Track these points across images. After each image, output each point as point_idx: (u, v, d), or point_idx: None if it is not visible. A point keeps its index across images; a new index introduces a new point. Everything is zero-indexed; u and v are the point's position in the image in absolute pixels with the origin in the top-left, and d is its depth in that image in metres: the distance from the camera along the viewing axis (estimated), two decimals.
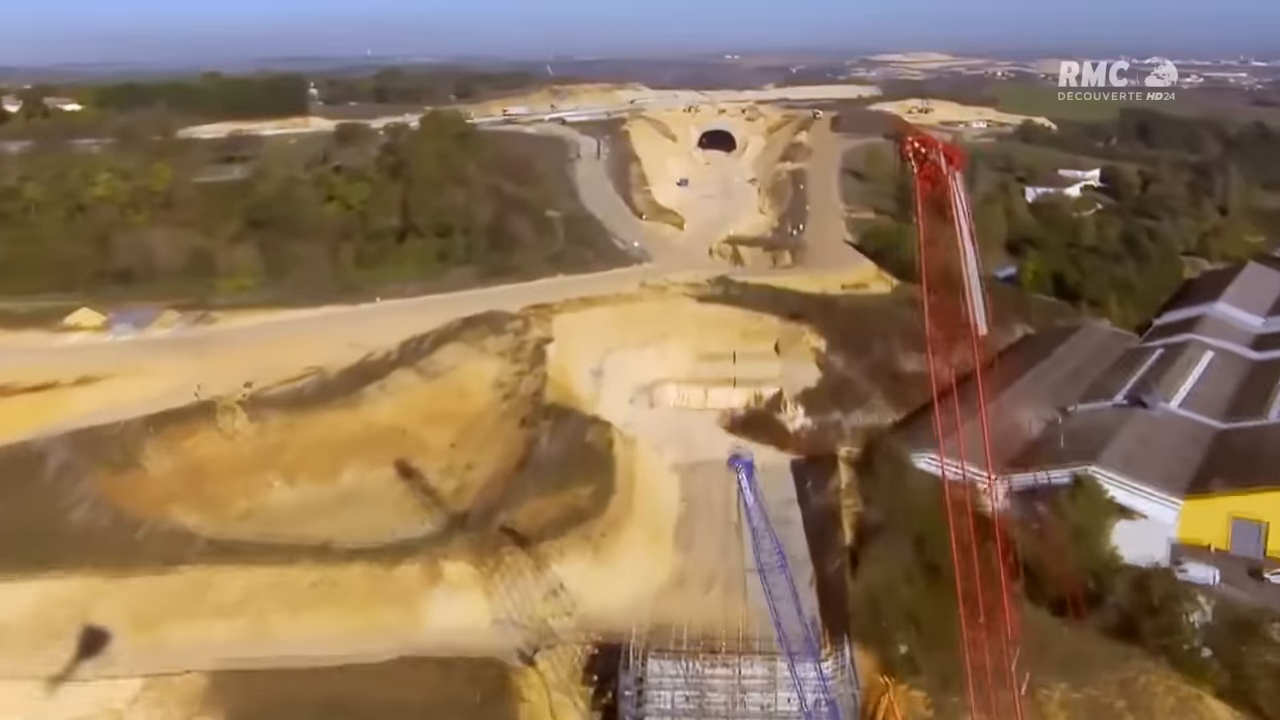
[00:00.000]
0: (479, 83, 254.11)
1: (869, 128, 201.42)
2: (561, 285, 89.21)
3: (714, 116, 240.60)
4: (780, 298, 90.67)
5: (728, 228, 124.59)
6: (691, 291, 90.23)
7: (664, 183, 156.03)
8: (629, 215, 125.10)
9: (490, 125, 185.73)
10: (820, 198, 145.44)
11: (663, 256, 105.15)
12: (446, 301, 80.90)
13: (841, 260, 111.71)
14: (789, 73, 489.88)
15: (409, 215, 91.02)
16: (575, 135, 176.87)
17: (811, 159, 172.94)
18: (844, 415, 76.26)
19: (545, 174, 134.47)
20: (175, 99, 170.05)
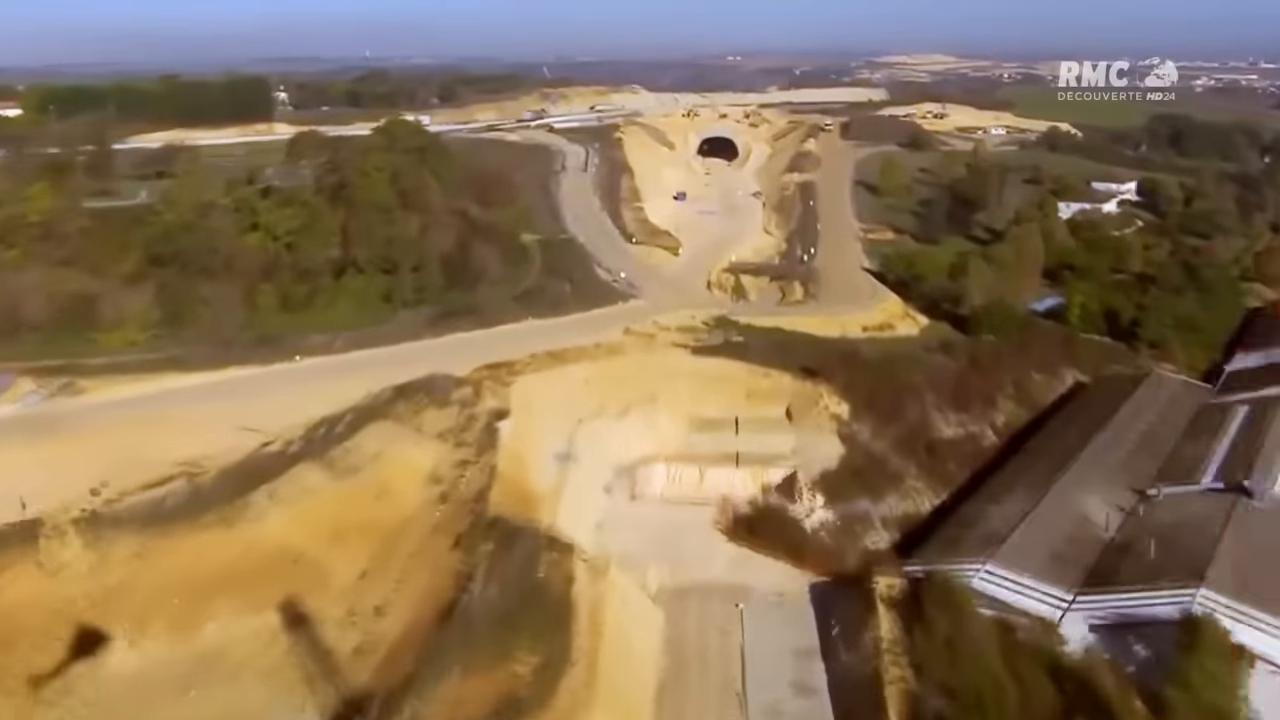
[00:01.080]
0: (465, 86, 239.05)
1: (881, 135, 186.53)
2: (530, 332, 74.11)
3: (714, 121, 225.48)
4: (792, 346, 75.58)
5: (729, 252, 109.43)
6: (685, 339, 75.10)
7: (659, 197, 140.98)
8: (617, 239, 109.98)
9: (469, 133, 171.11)
10: (832, 215, 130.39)
11: (654, 290, 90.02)
12: (384, 358, 65.80)
13: (860, 292, 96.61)
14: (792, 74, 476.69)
15: (349, 247, 75.84)
16: (563, 144, 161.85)
17: (821, 170, 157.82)
18: (873, 503, 61.12)
19: (524, 190, 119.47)
20: (126, 103, 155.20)
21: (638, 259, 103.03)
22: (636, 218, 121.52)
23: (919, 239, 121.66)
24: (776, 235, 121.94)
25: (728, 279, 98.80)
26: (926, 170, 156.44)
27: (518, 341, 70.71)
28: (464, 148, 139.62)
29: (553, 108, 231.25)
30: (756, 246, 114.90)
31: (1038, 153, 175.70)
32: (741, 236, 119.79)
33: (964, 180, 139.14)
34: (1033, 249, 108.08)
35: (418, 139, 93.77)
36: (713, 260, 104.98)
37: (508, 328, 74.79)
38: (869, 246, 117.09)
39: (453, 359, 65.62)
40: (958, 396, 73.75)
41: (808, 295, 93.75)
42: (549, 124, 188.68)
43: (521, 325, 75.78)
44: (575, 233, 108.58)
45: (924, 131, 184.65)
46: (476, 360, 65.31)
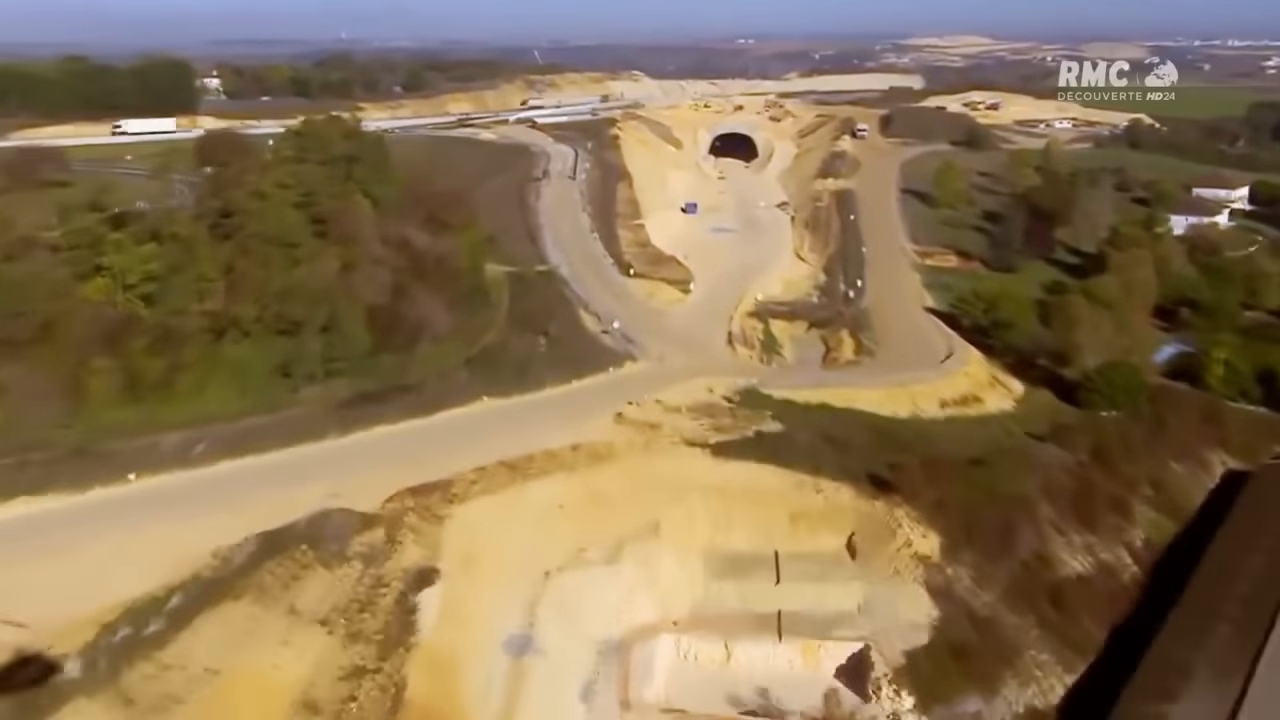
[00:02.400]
0: (437, 73, 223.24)
1: (929, 130, 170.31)
2: (483, 421, 57.57)
3: (729, 115, 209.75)
4: (850, 437, 58.99)
5: (754, 286, 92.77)
6: (701, 428, 58.41)
7: (663, 209, 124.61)
8: (610, 270, 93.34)
9: (432, 130, 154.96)
10: (878, 233, 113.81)
11: (657, 346, 73.43)
12: (266, 473, 49.37)
13: (929, 345, 79.89)
14: (812, 60, 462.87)
15: (234, 298, 59.25)
16: (547, 143, 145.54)
17: (860, 175, 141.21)
18: (985, 699, 44.59)
19: (492, 206, 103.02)
20: (22, 92, 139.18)
21: (637, 299, 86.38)
22: (635, 240, 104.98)
23: (991, 266, 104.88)
24: (811, 261, 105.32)
25: (754, 327, 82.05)
26: (988, 174, 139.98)
27: (464, 439, 54.08)
28: (418, 151, 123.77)
29: (540, 98, 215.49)
30: (788, 278, 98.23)
31: (1118, 152, 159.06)
32: (768, 263, 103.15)
33: (1039, 189, 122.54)
34: (1143, 281, 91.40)
35: (344, 145, 77.15)
36: (733, 299, 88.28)
37: (453, 414, 58.13)
38: (929, 276, 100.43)
39: (367, 472, 49.12)
40: (1082, 508, 57.43)
41: (861, 351, 76.96)
42: (532, 119, 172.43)
43: (473, 409, 59.14)
44: (557, 263, 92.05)
45: (980, 127, 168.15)
46: (401, 473, 48.64)
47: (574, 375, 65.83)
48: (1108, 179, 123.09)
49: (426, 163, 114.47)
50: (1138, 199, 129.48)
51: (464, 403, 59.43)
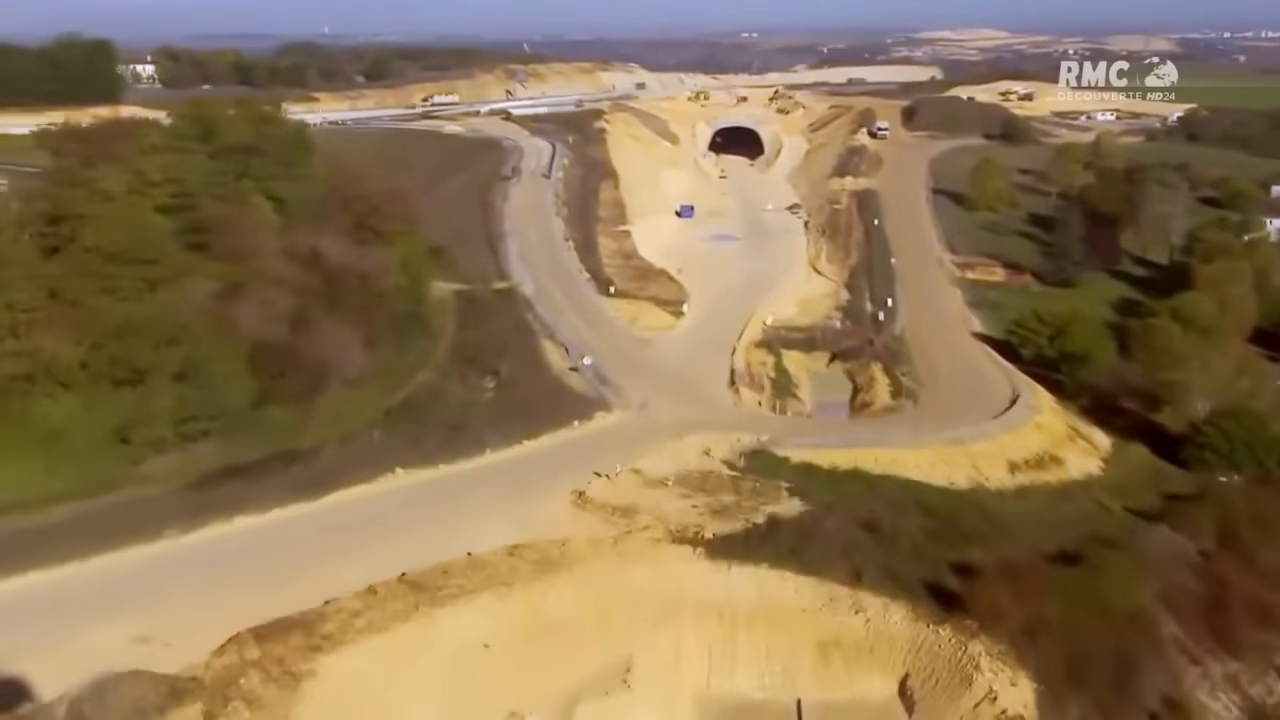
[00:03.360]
0: (408, 61, 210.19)
1: (958, 123, 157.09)
2: (385, 511, 43.71)
3: (731, 107, 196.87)
4: (894, 521, 45.09)
5: (763, 306, 79.17)
6: (693, 513, 44.60)
7: (655, 213, 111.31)
8: (586, 288, 79.76)
9: (390, 123, 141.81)
10: (909, 240, 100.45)
11: (639, 388, 59.74)
12: (43, 602, 35.62)
13: (982, 382, 66.29)
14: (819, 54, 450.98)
15: (55, 336, 45.43)
16: (522, 137, 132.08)
17: (882, 172, 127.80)
18: None
19: (446, 211, 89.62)
20: None
21: (617, 325, 72.74)
22: (619, 250, 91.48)
23: (1045, 280, 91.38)
24: (830, 275, 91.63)
25: (763, 362, 68.31)
26: (1030, 172, 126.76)
27: (356, 537, 40.35)
28: (366, 146, 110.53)
29: (523, 88, 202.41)
30: (802, 296, 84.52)
31: (1175, 145, 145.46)
32: (778, 278, 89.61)
33: (1094, 188, 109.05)
34: (1239, 299, 77.89)
35: (242, 134, 63.36)
36: (736, 324, 74.70)
37: (351, 496, 44.31)
38: (972, 293, 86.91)
39: (203, 595, 35.40)
40: (1216, 621, 43.64)
41: (900, 394, 63.12)
42: (506, 110, 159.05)
43: (380, 488, 45.33)
44: (519, 279, 78.45)
45: (1018, 119, 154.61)
46: (251, 598, 34.80)
47: (526, 433, 52.06)
48: (1175, 177, 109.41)
49: (373, 158, 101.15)
50: (1206, 199, 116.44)
51: (369, 477, 45.64)
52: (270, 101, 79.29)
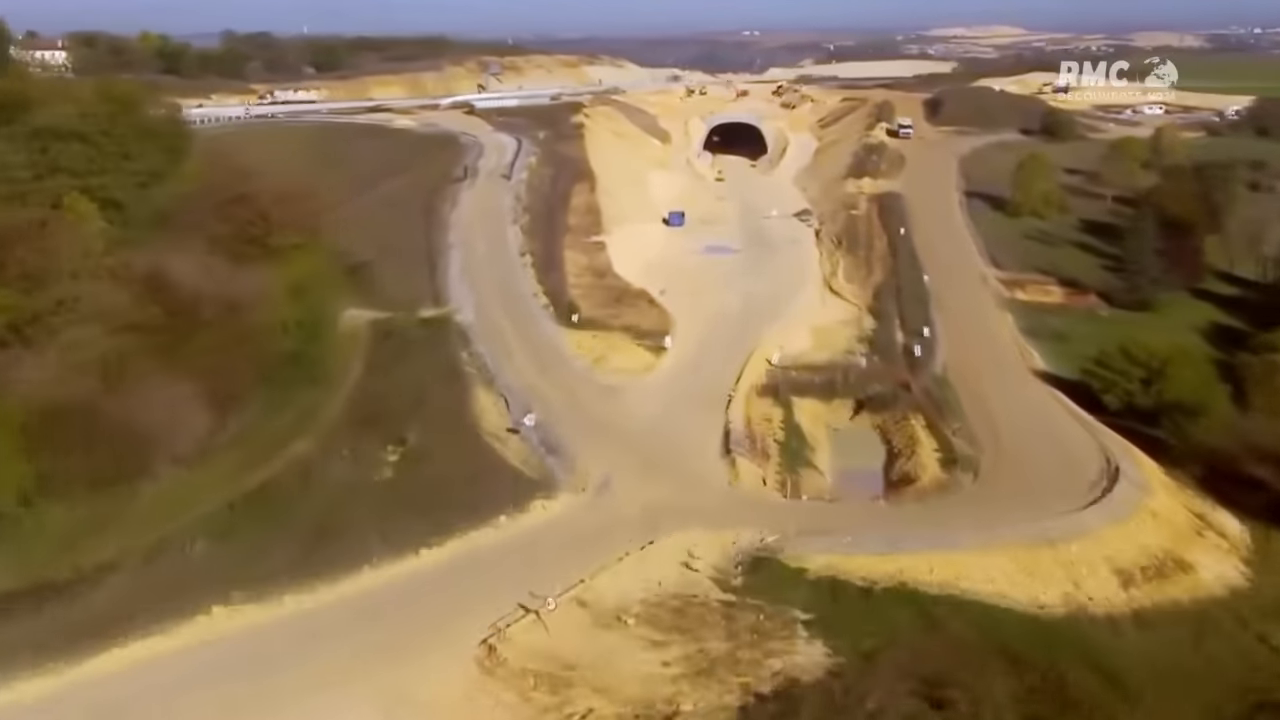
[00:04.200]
0: (370, 52, 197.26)
1: (990, 116, 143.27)
2: (178, 689, 29.29)
3: (730, 102, 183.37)
4: (973, 681, 30.88)
5: (766, 339, 65.00)
6: (662, 679, 30.33)
7: (638, 222, 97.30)
8: (540, 317, 65.51)
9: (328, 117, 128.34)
10: (942, 253, 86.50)
11: (598, 458, 45.58)
12: None
13: (1059, 444, 51.89)
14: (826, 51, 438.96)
15: None
16: (484, 133, 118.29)
17: (906, 173, 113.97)
18: None
19: (379, 219, 75.95)
20: None
21: (577, 366, 58.54)
22: (590, 267, 77.44)
23: (1116, 301, 77.30)
24: (850, 297, 77.52)
25: (768, 416, 53.98)
26: (1078, 171, 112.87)
27: None
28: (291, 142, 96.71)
29: (498, 82, 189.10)
30: (817, 324, 70.32)
31: (1242, 140, 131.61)
32: (786, 301, 75.49)
33: (1164, 190, 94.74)
34: None
35: (63, 115, 49.39)
36: (732, 363, 60.52)
37: (125, 659, 30.01)
38: (1027, 318, 72.88)
39: None
40: None
41: (953, 462, 48.78)
42: (469, 103, 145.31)
43: (174, 642, 31.00)
44: (459, 304, 64.44)
45: (1060, 111, 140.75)
46: None
47: (429, 535, 37.91)
48: (1264, 176, 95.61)
49: (298, 156, 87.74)
50: None
51: (166, 624, 31.29)
52: (138, 84, 65.34)
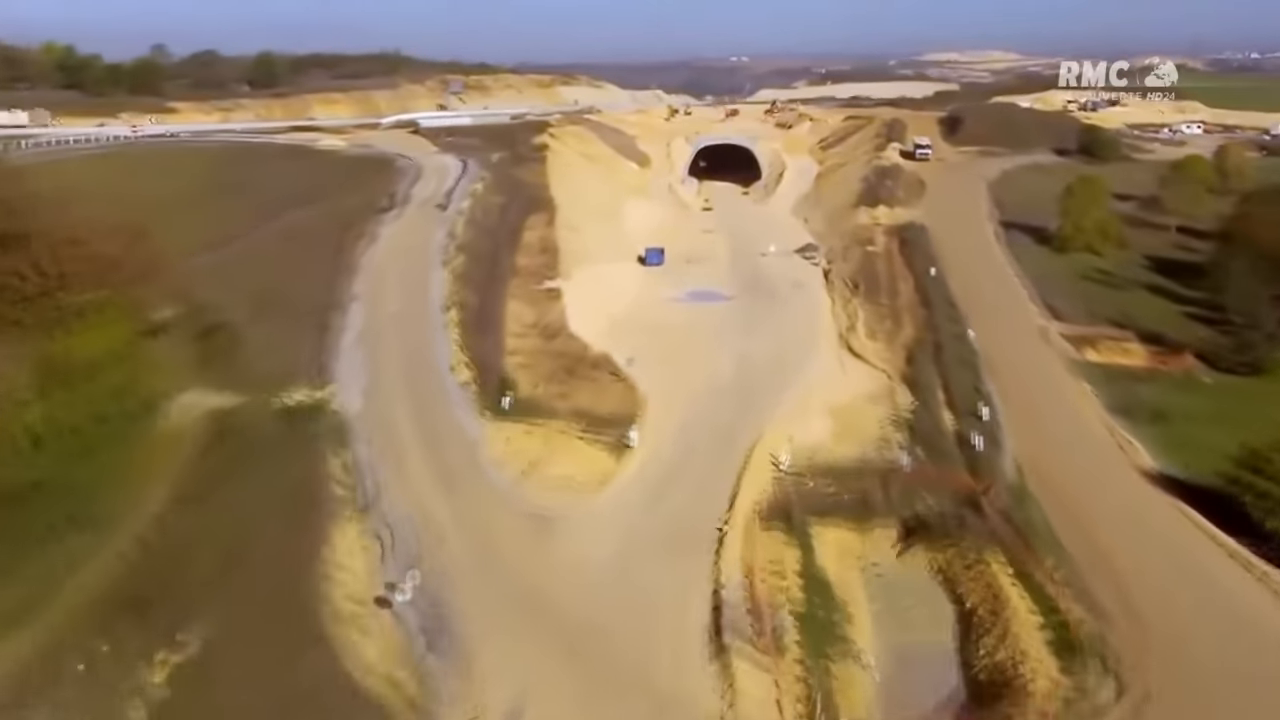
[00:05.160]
0: (319, 69, 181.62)
1: (1019, 135, 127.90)
2: None
3: (718, 123, 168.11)
4: None
5: (769, 425, 48.15)
6: None
7: (608, 261, 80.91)
8: (455, 403, 48.40)
9: (240, 137, 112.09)
10: (983, 297, 70.48)
11: (508, 668, 28.43)
12: None
13: (1210, 599, 35.00)
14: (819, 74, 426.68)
15: None
16: (425, 155, 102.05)
17: (927, 200, 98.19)
18: None
19: (266, 261, 59.40)
20: None
21: (501, 480, 41.48)
22: (539, 323, 60.63)
23: (1219, 363, 60.81)
24: (876, 359, 60.82)
25: (776, 565, 36.83)
26: (1129, 197, 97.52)
27: None
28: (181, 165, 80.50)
29: (459, 101, 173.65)
30: (837, 401, 53.48)
31: None
32: (793, 367, 58.72)
33: (1253, 219, 78.97)
34: None
35: None
36: (724, 467, 43.59)
37: None
38: (1109, 387, 56.28)
39: None
40: None
41: (1070, 651, 31.75)
42: (415, 122, 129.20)
43: None
44: (344, 384, 47.48)
45: (1101, 130, 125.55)
46: None
47: None
48: None
49: (186, 183, 71.38)
50: None
51: None
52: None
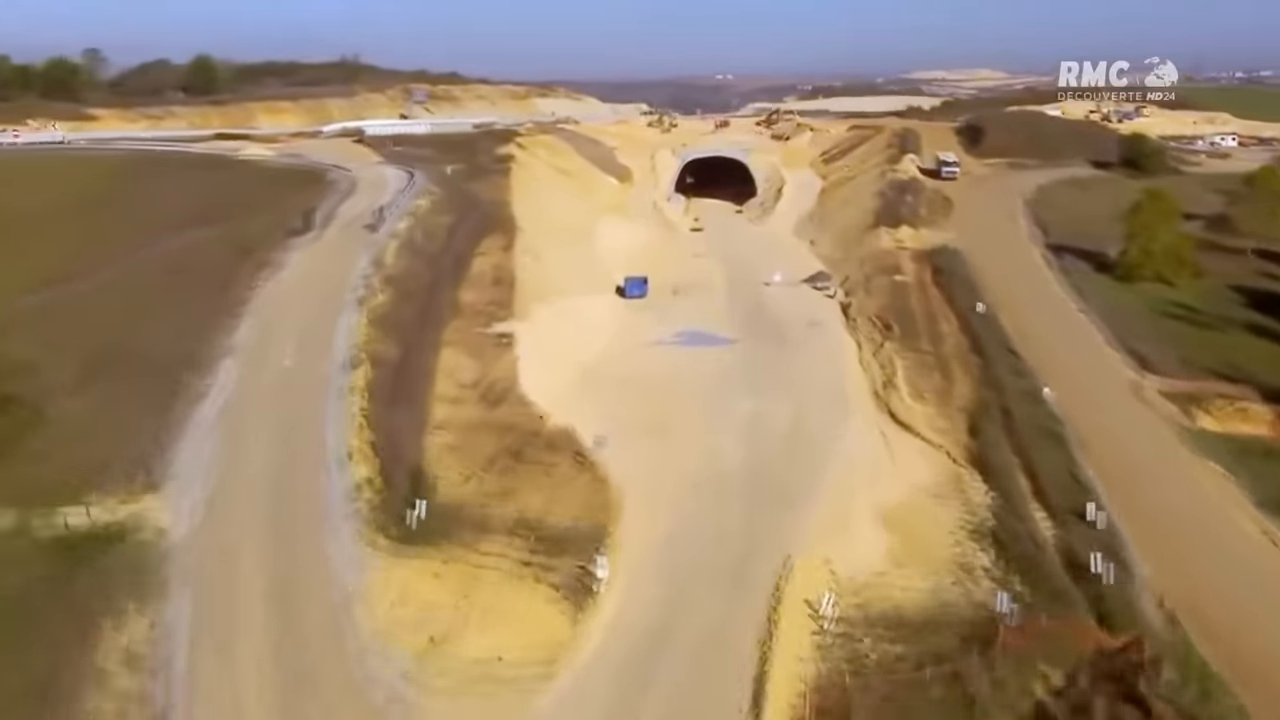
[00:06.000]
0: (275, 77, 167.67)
1: (1050, 146, 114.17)
2: None
3: (707, 135, 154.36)
4: None
5: (797, 542, 33.57)
6: None
7: (578, 292, 66.45)
8: (333, 523, 33.66)
9: (151, 145, 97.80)
10: (1045, 340, 56.41)
11: None
12: None
13: None
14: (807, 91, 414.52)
15: None
16: (364, 167, 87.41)
17: (955, 218, 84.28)
18: None
19: (135, 298, 44.53)
20: None
21: (382, 674, 26.71)
22: (481, 381, 45.94)
23: None
24: (928, 430, 46.32)
25: None
26: (1191, 216, 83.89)
27: None
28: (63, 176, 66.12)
29: (424, 111, 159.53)
30: (886, 501, 38.92)
31: None
32: (821, 445, 44.14)
33: None
34: None
35: None
36: (739, 623, 28.94)
37: None
38: (1242, 466, 41.99)
39: None
40: None
41: None
42: (360, 130, 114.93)
43: None
44: (184, 486, 32.57)
45: (1146, 140, 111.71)
46: None
47: None
48: None
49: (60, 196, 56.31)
50: None
51: None
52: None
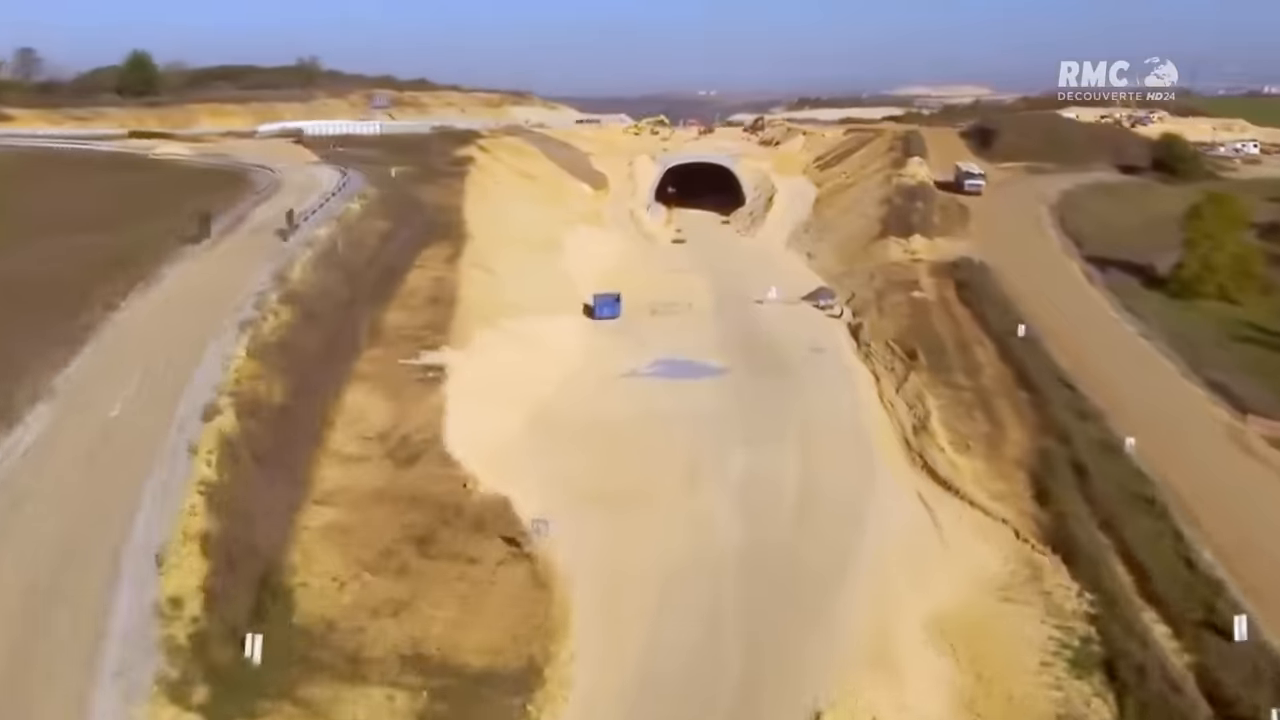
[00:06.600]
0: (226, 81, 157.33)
1: (1069, 149, 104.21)
2: None
3: (690, 141, 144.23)
4: None
5: (823, 688, 22.66)
6: None
7: (537, 312, 55.51)
8: (116, 668, 22.61)
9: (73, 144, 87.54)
10: (1103, 372, 45.35)
11: None
12: None
13: None
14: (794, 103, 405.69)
15: None
16: (294, 168, 76.70)
17: (975, 227, 74.04)
18: None
19: None
20: None
21: None
22: (393, 431, 34.86)
23: None
24: (980, 493, 35.46)
25: None
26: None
27: None
28: None
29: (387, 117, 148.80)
30: (940, 607, 28.00)
31: None
32: (846, 526, 33.05)
33: None
34: None
35: None
36: None
37: None
38: None
39: None
40: None
41: None
42: (300, 130, 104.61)
43: None
44: None
45: (1180, 143, 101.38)
46: None
47: None
48: None
49: None
50: None
51: None
52: None
